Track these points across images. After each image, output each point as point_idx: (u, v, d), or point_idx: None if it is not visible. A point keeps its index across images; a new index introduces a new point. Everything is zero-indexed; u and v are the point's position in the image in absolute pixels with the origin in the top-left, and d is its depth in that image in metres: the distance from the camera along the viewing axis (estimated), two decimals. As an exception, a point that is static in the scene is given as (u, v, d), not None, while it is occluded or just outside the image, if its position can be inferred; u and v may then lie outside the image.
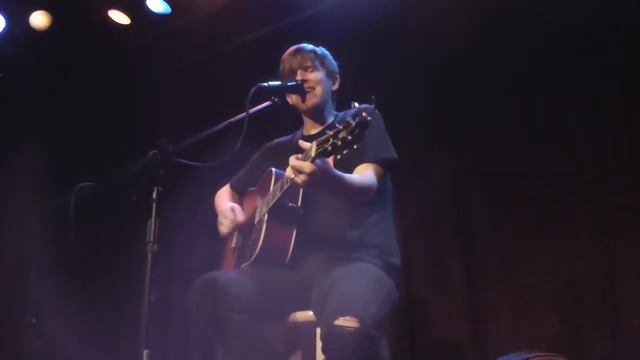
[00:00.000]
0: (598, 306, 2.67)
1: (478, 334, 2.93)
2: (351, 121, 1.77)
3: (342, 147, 1.80)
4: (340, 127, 1.79)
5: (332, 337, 1.89)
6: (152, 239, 1.96)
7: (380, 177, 2.23)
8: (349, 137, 1.77)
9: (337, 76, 2.49)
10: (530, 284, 2.85)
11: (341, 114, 2.45)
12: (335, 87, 2.48)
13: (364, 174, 2.19)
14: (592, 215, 2.76)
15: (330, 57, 2.48)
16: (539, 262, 2.85)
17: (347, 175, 2.10)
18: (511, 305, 2.89)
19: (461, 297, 3.01)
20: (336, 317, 1.89)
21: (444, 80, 3.18)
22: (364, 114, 1.76)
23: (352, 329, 1.86)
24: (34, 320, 3.84)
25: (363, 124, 1.76)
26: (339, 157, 1.85)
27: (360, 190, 2.14)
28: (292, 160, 1.91)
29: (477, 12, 3.04)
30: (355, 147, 1.79)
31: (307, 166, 1.88)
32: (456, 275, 3.05)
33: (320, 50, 2.46)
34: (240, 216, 2.41)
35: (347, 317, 1.88)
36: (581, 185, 2.81)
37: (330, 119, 2.46)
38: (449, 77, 3.17)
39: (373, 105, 1.83)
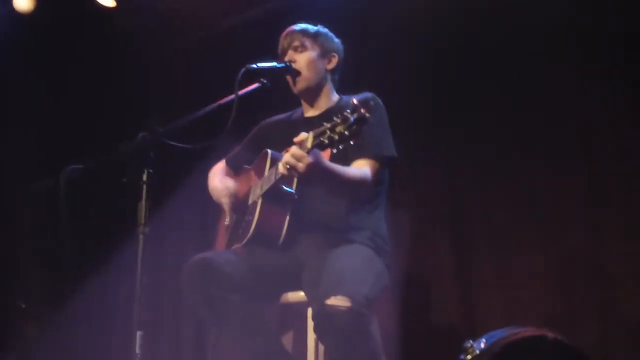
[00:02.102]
0: (589, 285, 2.69)
1: (469, 314, 2.96)
2: (349, 116, 1.77)
3: (339, 142, 1.79)
4: (338, 121, 1.79)
5: (324, 316, 1.91)
6: (143, 221, 1.98)
7: (377, 173, 2.23)
8: (346, 132, 1.77)
9: (335, 54, 2.43)
10: (521, 263, 2.87)
11: (346, 97, 2.41)
12: (332, 65, 2.42)
13: (361, 168, 2.19)
14: (581, 193, 2.77)
15: (326, 34, 2.43)
16: (529, 241, 2.87)
17: (341, 168, 2.10)
18: (501, 285, 2.91)
19: (451, 278, 3.04)
20: (328, 296, 1.90)
21: (437, 64, 3.17)
22: (362, 110, 1.75)
23: (343, 308, 1.88)
24: (23, 305, 3.83)
25: (361, 120, 1.75)
26: (334, 151, 1.85)
27: (353, 185, 2.15)
28: (287, 156, 1.91)
29: (476, 9, 3.03)
30: (351, 142, 1.79)
31: (303, 157, 1.88)
32: (446, 255, 3.07)
33: (314, 28, 2.42)
34: (234, 185, 2.42)
35: (339, 297, 1.89)
36: (569, 165, 2.84)
37: (333, 101, 2.43)
38: (442, 62, 3.16)
39: (373, 95, 1.80)
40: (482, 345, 1.71)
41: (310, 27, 2.42)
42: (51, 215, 3.52)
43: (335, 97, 2.46)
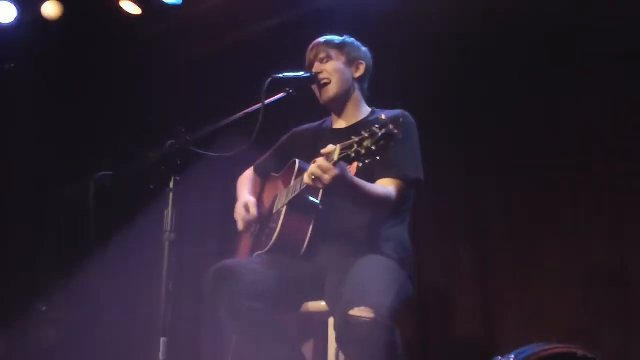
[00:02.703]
0: (612, 295, 2.67)
1: (490, 324, 2.94)
2: (377, 131, 1.77)
3: (365, 157, 1.80)
4: (366, 135, 1.79)
5: (347, 327, 1.91)
6: (169, 228, 1.99)
7: (402, 193, 2.21)
8: (373, 147, 1.77)
9: (362, 62, 2.43)
10: (543, 273, 2.86)
11: (378, 111, 2.41)
12: (359, 73, 2.42)
13: (385, 187, 2.18)
14: (604, 203, 2.75)
15: (352, 43, 2.43)
16: (551, 251, 2.85)
17: (366, 184, 2.10)
18: (523, 295, 2.89)
19: (473, 288, 3.02)
20: (352, 307, 1.90)
21: (458, 64, 3.17)
22: (390, 126, 1.75)
23: (367, 319, 1.87)
24: (44, 308, 3.87)
25: (388, 136, 1.76)
26: (360, 165, 1.85)
27: (376, 202, 2.14)
28: (313, 167, 1.91)
29: (491, 9, 3.03)
30: (377, 158, 1.79)
31: (329, 169, 1.89)
32: (468, 265, 3.05)
33: (339, 39, 2.43)
34: (254, 212, 2.42)
35: (363, 308, 1.89)
36: (593, 174, 2.81)
37: (363, 113, 2.42)
38: (463, 62, 3.16)
39: (405, 113, 1.79)
40: (511, 362, 1.69)
41: (335, 38, 2.43)
42: (78, 220, 3.57)
43: (367, 109, 2.45)
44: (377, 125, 1.78)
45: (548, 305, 2.80)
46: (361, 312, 1.88)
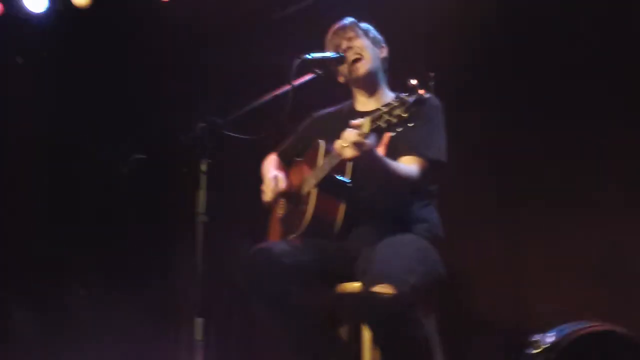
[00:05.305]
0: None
1: (522, 308, 2.91)
2: (407, 98, 1.74)
3: (397, 125, 1.77)
4: (396, 104, 1.77)
5: (369, 303, 1.91)
6: (202, 210, 2.02)
7: (424, 172, 2.20)
8: (404, 115, 1.75)
9: (384, 45, 2.47)
10: (574, 254, 2.81)
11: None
12: (384, 54, 2.46)
13: (408, 165, 2.18)
14: (630, 186, 2.69)
15: (373, 29, 2.47)
16: (584, 235, 2.80)
17: (392, 162, 2.11)
18: (554, 277, 2.85)
19: (504, 272, 2.99)
20: (374, 284, 1.90)
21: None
22: (420, 90, 1.72)
23: (387, 296, 1.86)
24: (81, 289, 3.95)
25: (420, 101, 1.73)
26: (393, 134, 1.83)
27: (399, 179, 2.13)
28: (348, 132, 1.89)
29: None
30: (410, 125, 1.76)
31: (360, 141, 1.87)
32: (499, 249, 3.02)
33: (363, 23, 2.46)
34: (282, 184, 2.42)
35: (384, 284, 1.89)
36: (629, 157, 2.75)
37: (390, 97, 2.38)
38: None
39: (430, 95, 1.77)
40: (550, 340, 1.67)
41: (358, 22, 2.45)
42: (112, 203, 3.63)
43: (391, 94, 2.44)
44: (405, 93, 1.75)
45: (580, 289, 2.76)
46: (382, 289, 1.88)
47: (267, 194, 2.46)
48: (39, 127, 3.94)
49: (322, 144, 2.33)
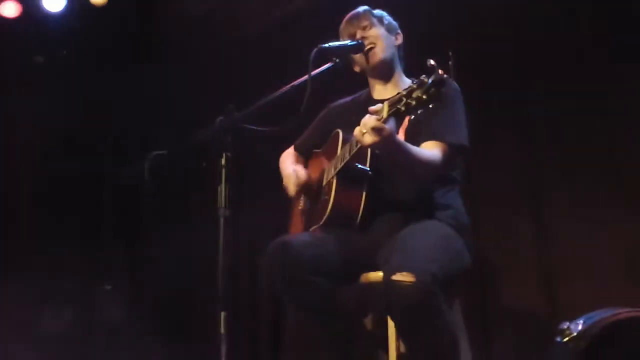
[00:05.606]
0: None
1: (550, 297, 2.87)
2: (426, 79, 1.71)
3: (417, 107, 1.74)
4: (414, 86, 1.74)
5: (389, 292, 1.89)
6: (223, 204, 2.01)
7: (447, 158, 2.16)
8: (424, 97, 1.72)
9: (399, 32, 2.44)
10: (603, 246, 2.75)
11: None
12: (399, 41, 2.43)
13: (431, 150, 2.14)
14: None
15: (387, 16, 2.45)
16: (614, 220, 2.74)
17: (413, 147, 2.07)
18: (583, 268, 2.80)
19: (532, 260, 2.94)
20: (394, 273, 1.88)
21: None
22: (440, 71, 1.69)
23: (407, 284, 1.84)
24: (109, 287, 4.00)
25: (439, 82, 1.70)
26: (412, 117, 1.80)
27: (422, 165, 2.09)
28: (367, 118, 1.87)
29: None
30: (430, 106, 1.73)
31: (380, 126, 1.84)
32: (527, 237, 2.97)
33: (377, 10, 2.43)
34: (303, 176, 2.41)
35: (405, 273, 1.87)
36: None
37: (407, 84, 2.40)
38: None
39: (451, 79, 1.73)
40: (580, 327, 1.64)
41: (372, 10, 2.43)
42: (135, 200, 3.66)
43: (408, 81, 2.40)
44: (424, 75, 1.72)
45: (610, 278, 2.70)
46: (403, 277, 1.86)
47: (291, 189, 2.45)
48: (55, 125, 3.98)
49: (340, 133, 2.31)
